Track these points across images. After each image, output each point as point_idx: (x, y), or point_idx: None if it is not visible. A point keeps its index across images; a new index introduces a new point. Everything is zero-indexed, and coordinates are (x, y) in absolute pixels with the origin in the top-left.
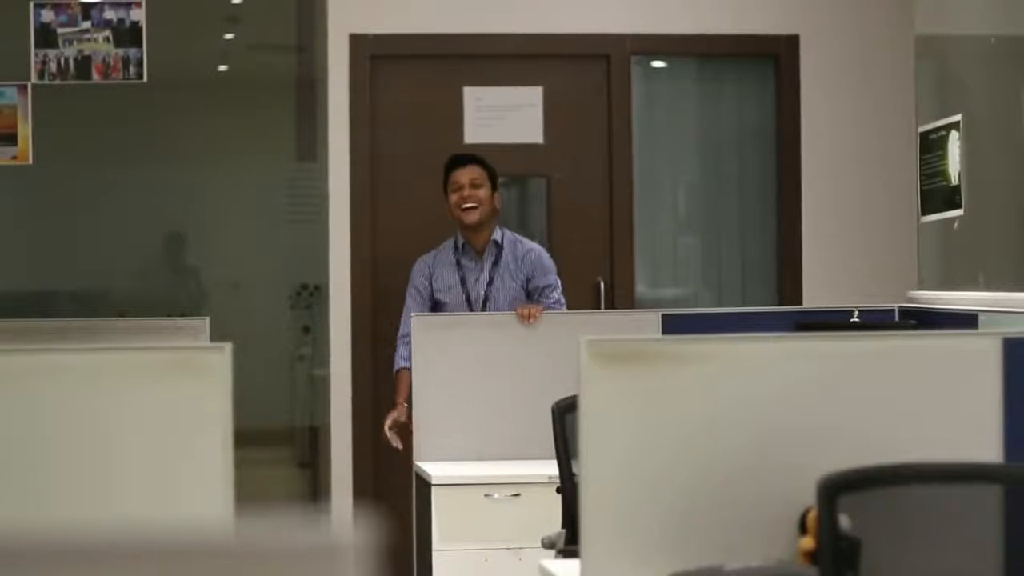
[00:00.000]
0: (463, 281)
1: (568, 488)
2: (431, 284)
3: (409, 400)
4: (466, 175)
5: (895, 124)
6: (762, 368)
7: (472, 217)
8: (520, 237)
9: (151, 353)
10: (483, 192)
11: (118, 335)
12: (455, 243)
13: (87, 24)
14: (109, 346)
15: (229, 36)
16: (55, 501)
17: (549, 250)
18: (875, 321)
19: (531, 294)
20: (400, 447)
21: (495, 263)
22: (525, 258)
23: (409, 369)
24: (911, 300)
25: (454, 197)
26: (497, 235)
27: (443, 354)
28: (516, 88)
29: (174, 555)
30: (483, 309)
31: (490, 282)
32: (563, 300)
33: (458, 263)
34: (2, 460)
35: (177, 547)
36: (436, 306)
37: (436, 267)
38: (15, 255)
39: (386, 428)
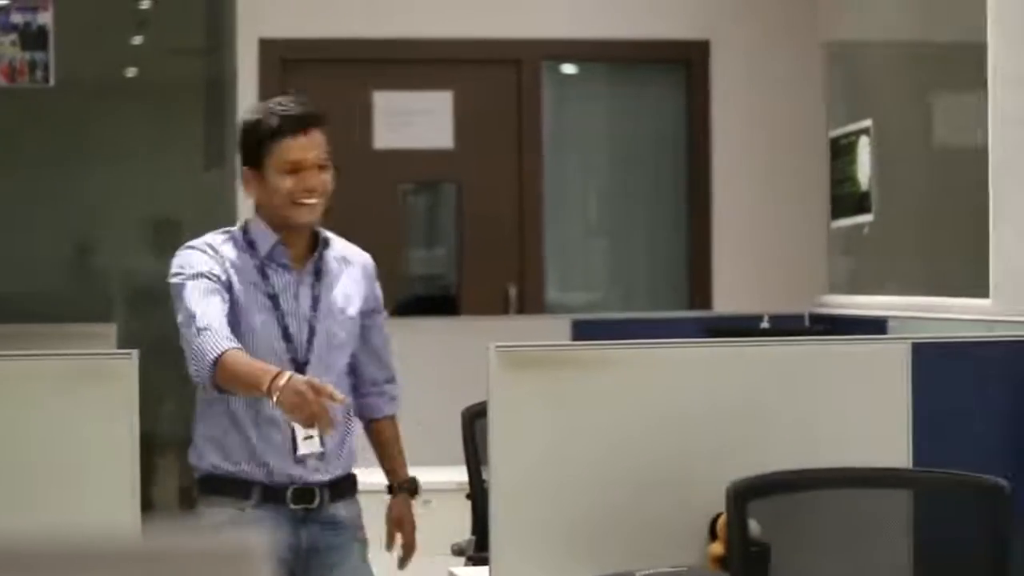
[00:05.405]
0: (275, 302)
1: (478, 494)
2: (231, 283)
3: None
4: (310, 150)
5: (805, 129)
6: (672, 374)
7: (313, 216)
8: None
9: (58, 360)
10: (328, 177)
11: (25, 341)
12: (247, 241)
13: None
14: (15, 352)
15: (138, 40)
16: None
17: (460, 256)
18: (785, 327)
19: (363, 328)
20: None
21: (318, 276)
22: (364, 267)
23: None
24: (821, 305)
25: (288, 182)
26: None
27: None
28: (426, 92)
29: (80, 561)
30: (308, 346)
31: (315, 304)
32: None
33: (263, 274)
34: None
35: (84, 553)
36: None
37: (235, 271)
38: None
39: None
